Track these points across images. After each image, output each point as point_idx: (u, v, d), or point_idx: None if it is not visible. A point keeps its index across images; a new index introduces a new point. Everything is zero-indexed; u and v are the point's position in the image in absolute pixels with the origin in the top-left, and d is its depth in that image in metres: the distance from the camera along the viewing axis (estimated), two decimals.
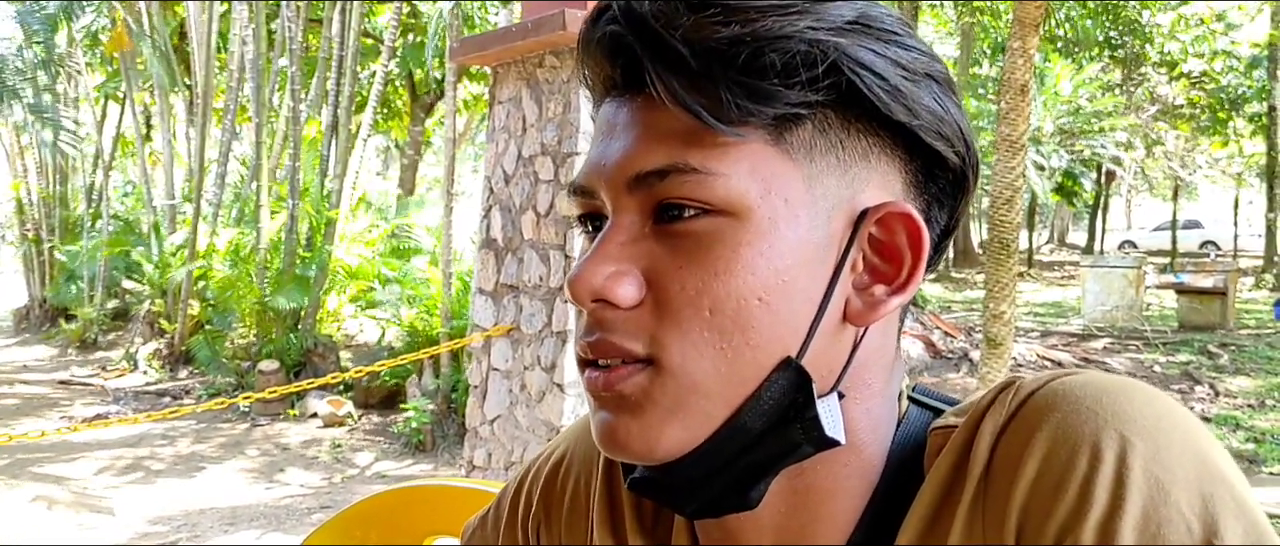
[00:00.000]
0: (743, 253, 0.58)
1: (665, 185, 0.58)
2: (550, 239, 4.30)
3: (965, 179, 0.65)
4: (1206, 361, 10.55)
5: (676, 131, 0.58)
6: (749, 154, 0.58)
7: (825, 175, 0.60)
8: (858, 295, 0.61)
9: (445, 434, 8.32)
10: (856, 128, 0.60)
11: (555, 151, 4.30)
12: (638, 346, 0.59)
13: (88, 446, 8.30)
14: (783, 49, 0.56)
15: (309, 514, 6.56)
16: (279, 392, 5.59)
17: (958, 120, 0.63)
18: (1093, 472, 0.53)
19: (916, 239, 0.61)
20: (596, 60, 0.63)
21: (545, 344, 4.30)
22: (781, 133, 0.59)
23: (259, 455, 8.29)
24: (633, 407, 0.59)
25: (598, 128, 0.64)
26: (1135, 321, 13.04)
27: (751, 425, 0.59)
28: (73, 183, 17.28)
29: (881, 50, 0.59)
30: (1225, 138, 23.32)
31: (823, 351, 0.60)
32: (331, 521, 1.52)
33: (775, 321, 0.58)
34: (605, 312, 0.60)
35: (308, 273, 10.40)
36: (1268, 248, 20.96)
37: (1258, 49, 20.30)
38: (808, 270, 0.59)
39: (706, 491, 0.61)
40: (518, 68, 4.54)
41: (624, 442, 0.60)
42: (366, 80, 14.04)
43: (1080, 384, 0.57)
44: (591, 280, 0.59)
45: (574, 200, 0.65)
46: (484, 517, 0.91)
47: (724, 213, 0.58)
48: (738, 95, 0.56)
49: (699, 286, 0.58)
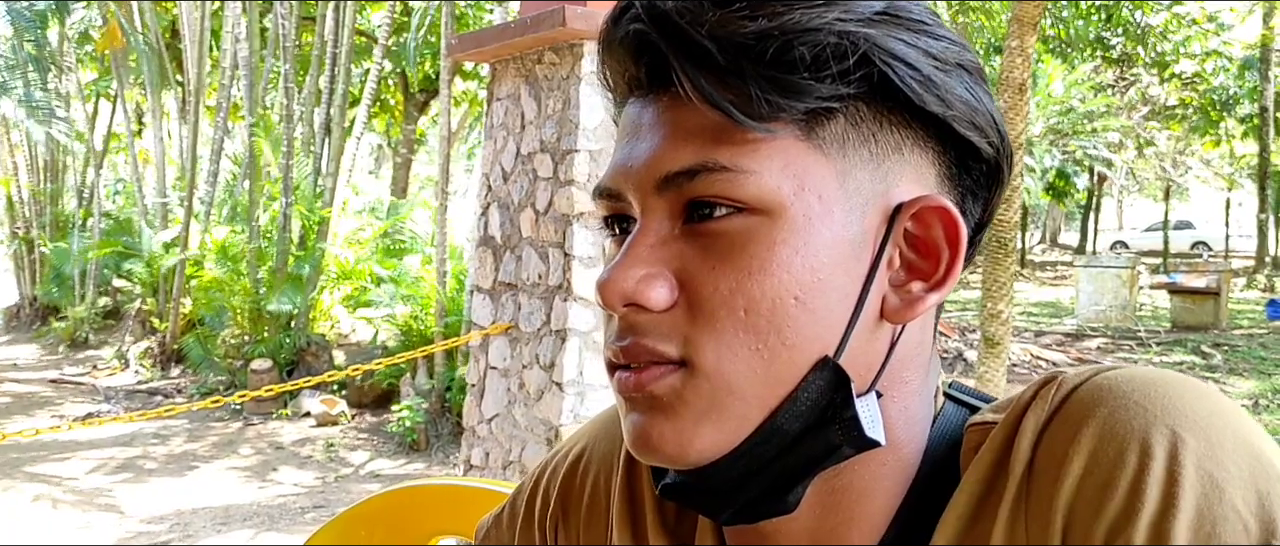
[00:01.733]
0: (777, 251, 0.56)
1: (695, 184, 0.57)
2: (549, 236, 4.28)
3: (999, 170, 0.63)
4: (1200, 361, 10.59)
5: (705, 129, 0.57)
6: (780, 150, 0.56)
7: (858, 169, 0.58)
8: (895, 292, 0.60)
9: (439, 433, 8.30)
10: (889, 120, 0.59)
11: (554, 148, 4.28)
12: (671, 349, 0.57)
13: (80, 445, 8.26)
14: (812, 42, 0.55)
15: (303, 513, 6.54)
16: (273, 391, 5.56)
17: (991, 110, 0.61)
18: (1143, 470, 0.51)
19: (954, 233, 0.59)
20: (619, 59, 0.61)
21: (544, 342, 4.28)
22: (813, 127, 0.57)
23: (252, 454, 8.26)
24: (665, 409, 0.58)
25: (622, 129, 0.63)
26: (1129, 321, 13.09)
27: (788, 427, 0.57)
28: (64, 180, 17.21)
29: (912, 41, 0.57)
30: (1217, 138, 23.41)
31: (860, 350, 0.58)
32: (334, 521, 1.50)
33: (812, 320, 0.57)
34: (637, 316, 0.58)
35: (301, 271, 10.37)
36: (1259, 248, 21.07)
37: (1249, 50, 20.36)
38: (843, 267, 0.57)
39: (742, 495, 0.59)
40: (516, 64, 4.52)
41: (657, 445, 0.58)
42: (360, 78, 14.01)
43: (1126, 378, 0.55)
44: (622, 284, 0.57)
45: (600, 203, 0.63)
46: (498, 516, 0.89)
47: (756, 211, 0.56)
48: (767, 90, 0.55)
49: (733, 286, 0.56)
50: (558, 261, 4.23)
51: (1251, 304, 16.06)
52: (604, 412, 0.84)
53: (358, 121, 11.77)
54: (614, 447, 0.78)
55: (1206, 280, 13.09)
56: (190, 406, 5.14)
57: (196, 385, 10.69)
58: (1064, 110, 21.43)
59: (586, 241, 4.19)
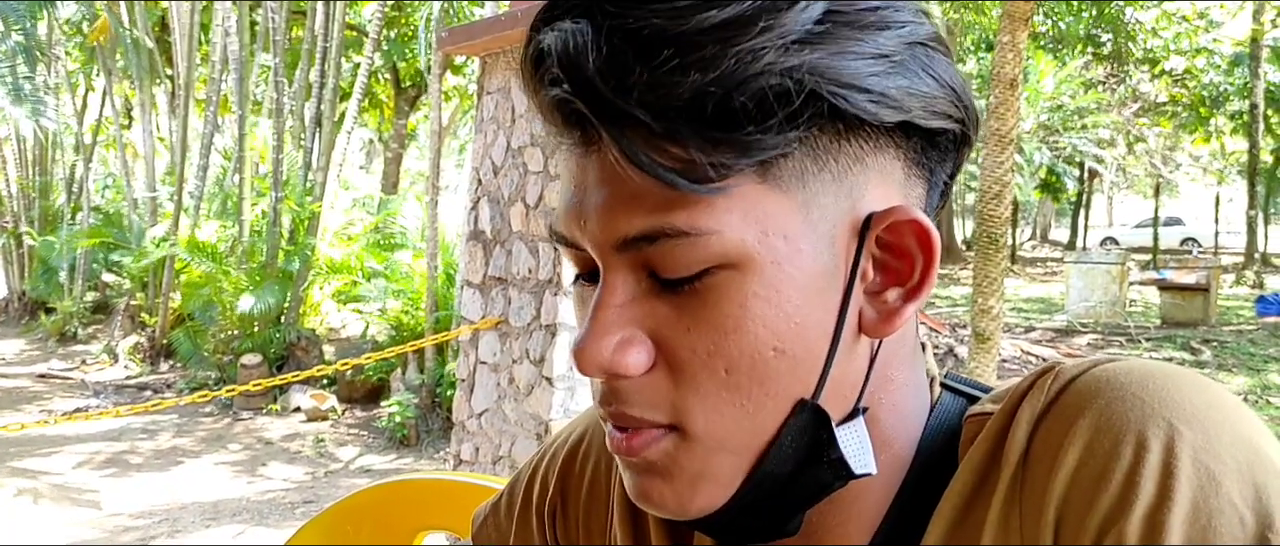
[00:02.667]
0: (750, 305, 0.53)
1: (656, 248, 0.53)
2: (539, 231, 4.27)
3: (966, 137, 0.60)
4: (1189, 357, 10.62)
5: (655, 189, 0.52)
6: (738, 200, 0.52)
7: (821, 195, 0.54)
8: (871, 303, 0.57)
9: (429, 428, 8.29)
10: (845, 139, 0.54)
11: (545, 142, 4.26)
12: (659, 416, 0.56)
13: (68, 440, 8.23)
14: (753, 90, 0.50)
15: (292, 508, 6.52)
16: (262, 386, 5.54)
17: (951, 86, 0.57)
18: (1138, 462, 0.50)
19: (926, 242, 0.57)
20: (547, 117, 0.56)
21: (534, 337, 4.26)
22: (768, 168, 0.53)
23: (241, 449, 8.23)
24: (661, 472, 0.57)
25: (565, 172, 0.58)
26: (1118, 317, 13.13)
27: (778, 471, 0.57)
28: (52, 174, 17.14)
29: (859, 49, 0.52)
30: (1206, 135, 23.49)
31: (842, 375, 0.57)
32: (321, 516, 1.49)
33: (793, 366, 0.55)
34: (618, 383, 0.56)
35: (290, 266, 10.33)
36: (1248, 245, 21.14)
37: (1239, 47, 20.42)
38: (819, 301, 0.55)
39: (742, 528, 0.60)
40: (507, 58, 4.50)
41: (658, 504, 0.58)
42: (350, 73, 13.96)
43: (1124, 370, 0.54)
44: (597, 356, 0.55)
45: (564, 252, 0.60)
46: (495, 504, 0.88)
47: (723, 266, 0.53)
48: (712, 154, 0.50)
49: (711, 348, 0.54)
50: (548, 256, 4.22)
51: (1241, 300, 16.12)
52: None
53: (348, 116, 11.73)
54: None
55: (1196, 276, 13.13)
56: (179, 401, 5.11)
57: (186, 380, 10.65)
58: (1054, 106, 21.47)
59: None
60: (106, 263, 14.36)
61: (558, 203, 0.60)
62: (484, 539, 0.87)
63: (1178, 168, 28.19)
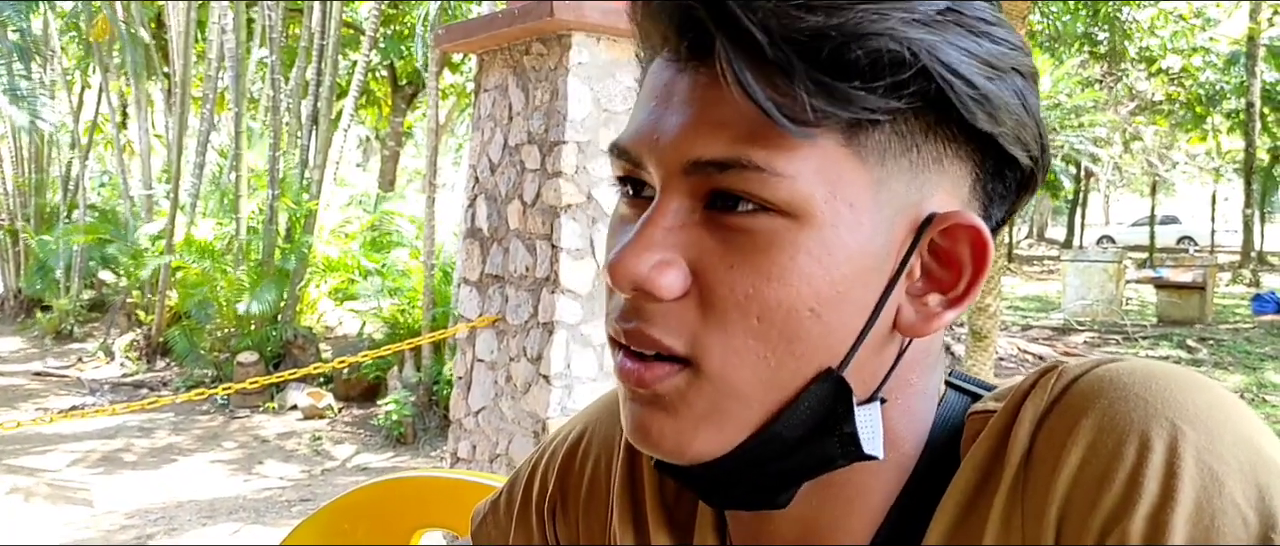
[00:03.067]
0: (800, 260, 0.53)
1: (724, 177, 0.54)
2: (537, 229, 4.26)
3: (1032, 180, 0.61)
4: (1185, 356, 10.64)
5: (741, 120, 0.53)
6: (818, 154, 0.53)
7: (894, 179, 0.55)
8: (911, 303, 0.58)
9: (427, 426, 8.28)
10: (935, 132, 0.55)
11: (542, 140, 4.26)
12: (677, 344, 0.55)
13: (63, 438, 8.21)
14: (870, 47, 0.51)
15: (289, 506, 6.51)
16: (259, 383, 5.53)
17: (1036, 120, 0.58)
18: (1141, 462, 0.50)
19: (980, 251, 0.57)
20: (658, 24, 0.57)
21: (531, 335, 4.26)
22: (855, 134, 0.54)
23: (237, 447, 8.22)
24: (667, 407, 0.57)
25: (648, 87, 0.59)
26: (1115, 315, 13.15)
27: (787, 434, 0.56)
28: (49, 172, 17.10)
29: (972, 47, 0.54)
30: (1203, 133, 23.50)
31: (867, 360, 0.57)
32: (318, 514, 1.48)
33: (825, 332, 0.55)
34: (645, 302, 0.56)
35: (287, 265, 10.32)
36: (1244, 243, 21.19)
37: (1236, 45, 20.44)
38: (863, 279, 0.55)
39: (734, 490, 0.59)
40: (504, 55, 4.50)
41: (656, 441, 0.57)
42: (347, 70, 13.93)
43: (1128, 370, 0.54)
44: (635, 268, 0.55)
45: (615, 161, 0.60)
46: (495, 502, 0.87)
47: (784, 213, 0.53)
48: (815, 95, 0.51)
49: (749, 291, 0.54)
50: (545, 253, 4.22)
51: (1237, 298, 16.15)
52: (605, 395, 0.83)
53: (345, 114, 11.72)
54: (615, 431, 0.77)
55: (1192, 275, 13.15)
56: (175, 399, 5.10)
57: (182, 378, 10.63)
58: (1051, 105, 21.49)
59: (574, 234, 4.17)
60: (103, 260, 14.32)
61: (631, 118, 0.60)
62: (483, 537, 0.87)
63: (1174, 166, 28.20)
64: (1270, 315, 13.60)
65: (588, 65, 4.17)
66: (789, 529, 0.63)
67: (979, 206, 0.60)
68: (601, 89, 4.21)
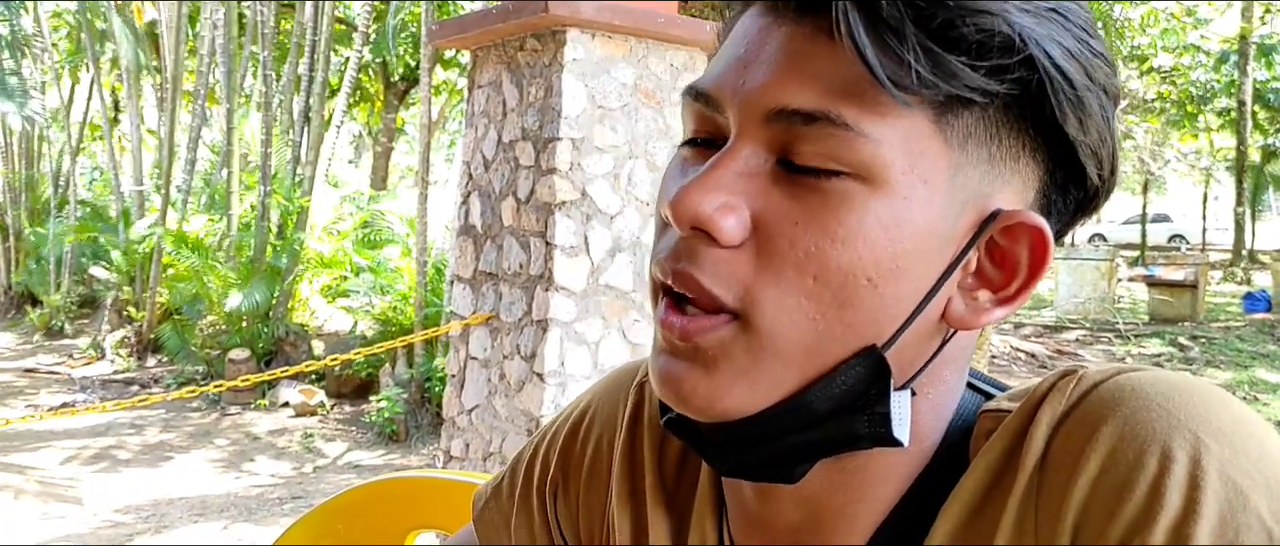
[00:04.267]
0: (868, 224, 0.53)
1: (808, 131, 0.53)
2: (531, 226, 4.24)
3: (1094, 200, 0.60)
4: (1177, 353, 10.67)
5: (836, 75, 0.53)
6: (906, 125, 0.53)
7: (971, 167, 0.55)
8: (961, 296, 0.57)
9: (419, 424, 8.27)
10: (1019, 126, 0.55)
11: (536, 136, 4.24)
12: (727, 295, 0.54)
13: (54, 435, 8.18)
14: (982, 25, 0.51)
15: (280, 504, 6.49)
16: (250, 381, 5.51)
17: (1114, 141, 0.58)
18: (1164, 473, 0.49)
19: (1040, 255, 0.57)
20: None
21: (525, 333, 4.25)
22: (945, 112, 0.54)
23: (229, 444, 8.20)
24: (707, 362, 0.55)
25: (737, 35, 0.58)
26: (1107, 313, 13.18)
27: (818, 405, 0.55)
28: (40, 167, 17.03)
29: (1074, 49, 0.54)
30: (1194, 132, 23.57)
31: (910, 346, 0.56)
32: (311, 514, 1.47)
33: (878, 306, 0.54)
34: (700, 245, 0.55)
35: (279, 261, 10.29)
36: (1236, 241, 21.26)
37: (1227, 44, 20.49)
38: (924, 258, 0.55)
39: (749, 456, 0.58)
40: (498, 51, 4.48)
41: (687, 395, 0.56)
42: (339, 66, 13.89)
43: (1150, 380, 0.53)
44: (698, 204, 0.54)
45: (689, 105, 0.59)
46: (497, 486, 0.87)
47: (860, 177, 0.53)
48: (921, 61, 0.51)
49: (810, 249, 0.53)
50: (539, 251, 4.20)
51: (1228, 297, 16.21)
52: (610, 374, 0.82)
53: (337, 110, 11.68)
54: (618, 410, 0.77)
55: (1184, 273, 13.19)
56: (166, 396, 5.08)
57: (173, 375, 10.60)
58: None
59: (568, 231, 4.16)
60: (94, 256, 14.27)
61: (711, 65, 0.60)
62: (485, 521, 0.87)
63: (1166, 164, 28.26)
64: (1261, 313, 13.65)
65: (582, 61, 4.15)
66: (792, 514, 0.62)
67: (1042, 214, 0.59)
68: (596, 85, 4.19)
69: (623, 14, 4.10)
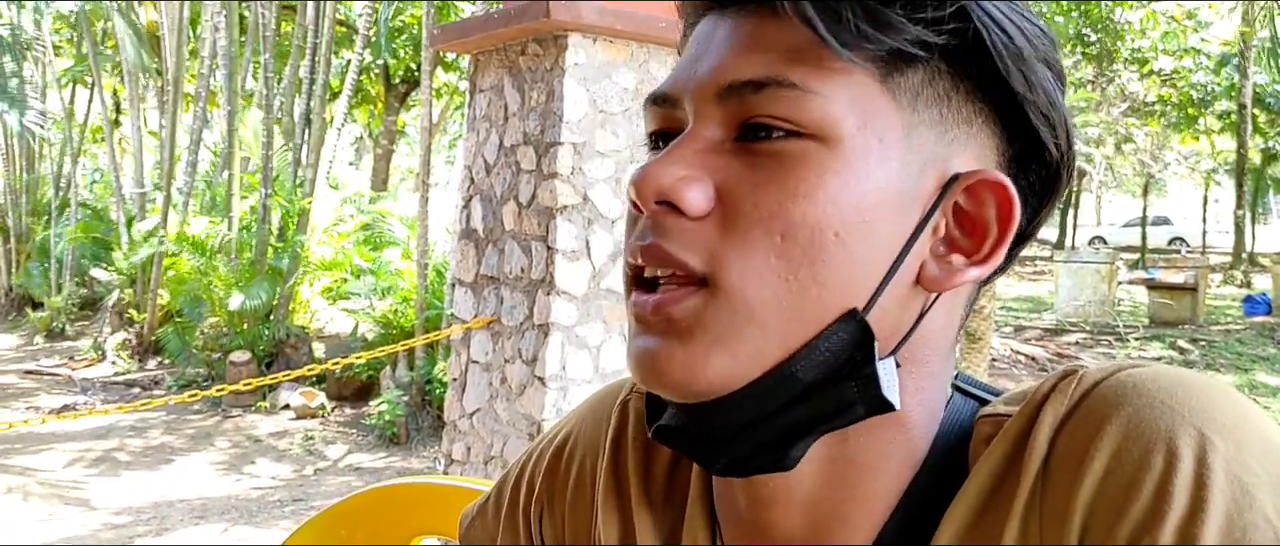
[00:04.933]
0: (827, 179, 0.54)
1: (758, 99, 0.55)
2: (532, 230, 4.25)
3: (1058, 178, 0.61)
4: (1177, 357, 10.67)
5: (781, 45, 0.55)
6: (853, 84, 0.55)
7: (924, 128, 0.56)
8: (935, 261, 0.58)
9: (419, 426, 8.27)
10: (966, 88, 0.57)
11: (537, 141, 4.25)
12: (695, 261, 0.55)
13: (56, 437, 8.19)
14: None
15: (280, 506, 6.50)
16: (252, 385, 5.52)
17: (1066, 114, 0.59)
18: (1170, 471, 0.49)
19: (1006, 212, 0.58)
20: None
21: (526, 336, 4.25)
22: (891, 72, 0.55)
23: (230, 447, 8.20)
24: (681, 332, 0.55)
25: (690, 47, 0.61)
26: (1107, 316, 13.17)
27: (803, 375, 0.55)
28: (41, 169, 17.04)
29: (1010, 14, 0.56)
30: (1195, 135, 23.57)
31: (889, 311, 0.56)
32: (315, 519, 1.47)
33: (849, 262, 0.54)
34: (666, 218, 0.56)
35: (279, 263, 10.30)
36: (1236, 244, 21.24)
37: (1227, 47, 20.49)
38: (889, 217, 0.55)
39: (742, 444, 0.57)
40: (500, 55, 4.49)
41: (663, 369, 0.56)
42: (340, 69, 13.89)
43: (1151, 377, 0.53)
44: (659, 178, 0.55)
45: (651, 111, 0.61)
46: (483, 506, 0.87)
47: (814, 136, 0.54)
48: (859, 16, 0.53)
49: (773, 207, 0.54)
50: (541, 255, 4.21)
51: (1228, 299, 16.19)
52: (591, 397, 0.82)
53: (338, 112, 11.69)
54: (600, 431, 0.76)
55: (1184, 276, 13.18)
56: (167, 400, 5.09)
57: (174, 377, 10.60)
58: None
59: (570, 235, 4.17)
60: (95, 258, 14.28)
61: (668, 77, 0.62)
62: (471, 539, 0.87)
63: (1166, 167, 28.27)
64: (1261, 316, 13.64)
65: (584, 66, 4.16)
66: (788, 521, 0.61)
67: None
68: (597, 90, 4.20)
69: (624, 19, 4.11)
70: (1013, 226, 0.58)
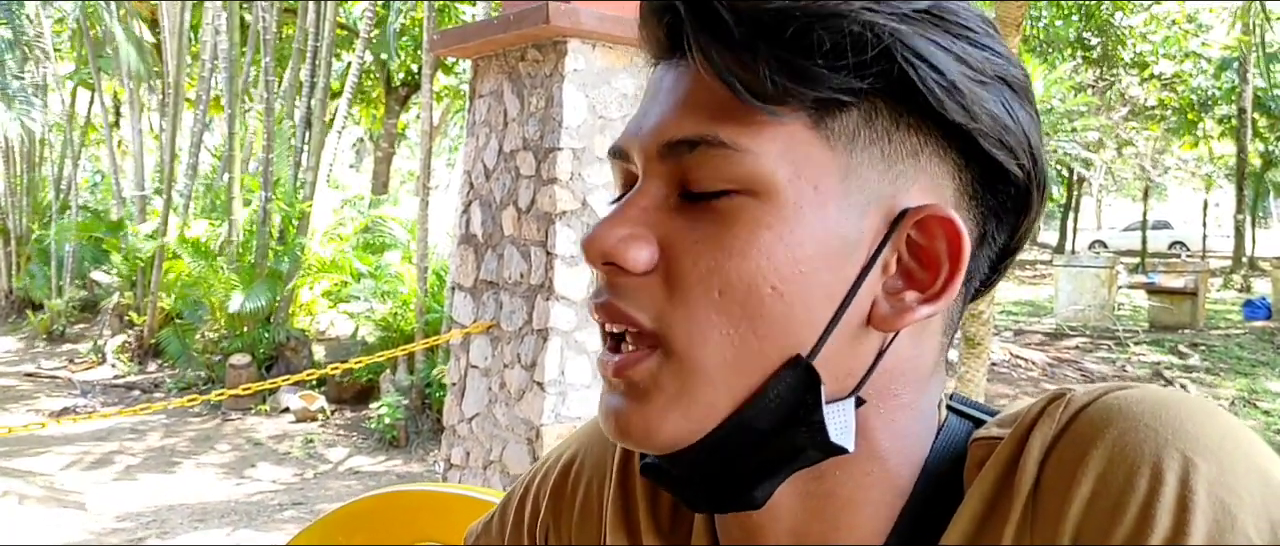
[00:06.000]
0: (760, 235, 0.55)
1: (693, 157, 0.56)
2: (531, 235, 4.26)
3: (1029, 195, 0.61)
4: (1177, 361, 10.67)
5: (713, 103, 0.55)
6: (784, 134, 0.55)
7: (865, 168, 0.56)
8: (886, 299, 0.58)
9: (419, 430, 8.27)
10: (907, 123, 0.56)
11: (537, 146, 4.26)
12: (644, 317, 0.57)
13: (56, 440, 8.19)
14: (833, 28, 0.53)
15: (280, 510, 6.50)
16: (252, 390, 5.53)
17: (1027, 130, 0.58)
18: (1154, 494, 0.50)
19: (955, 247, 0.57)
20: (646, 20, 0.60)
21: (525, 341, 4.26)
22: (823, 117, 0.55)
23: (230, 450, 8.21)
24: (640, 394, 0.57)
25: (646, 92, 0.62)
26: (1107, 321, 13.16)
27: (756, 423, 0.56)
28: (41, 171, 17.05)
29: (948, 44, 0.55)
30: (1195, 139, 23.55)
31: (840, 353, 0.57)
32: (315, 525, 1.48)
33: (788, 314, 0.55)
34: (616, 277, 0.58)
35: (280, 266, 10.31)
36: (1236, 249, 21.23)
37: (1228, 51, 20.49)
38: (830, 264, 0.56)
39: (710, 486, 0.59)
40: (499, 61, 4.50)
41: (625, 428, 0.58)
42: (340, 71, 13.90)
43: (1137, 398, 0.54)
44: (604, 240, 0.57)
45: (613, 164, 0.63)
46: (488, 523, 0.88)
47: (747, 192, 0.55)
48: (777, 72, 0.53)
49: (711, 265, 0.55)
50: (540, 260, 4.22)
51: (1228, 304, 16.19)
52: (595, 418, 0.83)
53: (339, 115, 11.70)
54: (607, 455, 0.77)
55: (1184, 280, 13.17)
56: (168, 404, 5.09)
57: (174, 379, 10.61)
58: (1044, 110, 21.52)
59: (569, 240, 4.18)
60: (95, 260, 14.29)
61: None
62: None
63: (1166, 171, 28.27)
64: (1261, 321, 13.65)
65: (583, 72, 4.17)
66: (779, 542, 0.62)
67: (971, 215, 0.60)
68: (596, 96, 4.21)
69: (623, 25, 4.12)
70: (963, 261, 0.57)
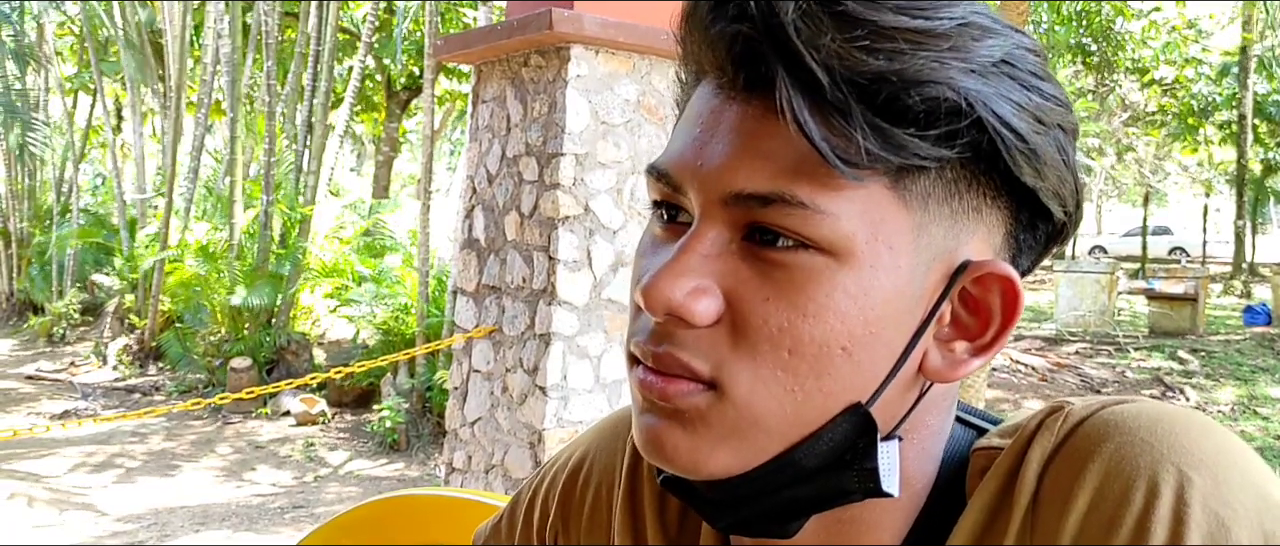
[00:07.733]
0: (836, 298, 0.54)
1: (767, 211, 0.54)
2: (534, 240, 4.27)
3: (1063, 232, 0.61)
4: (1177, 367, 10.66)
5: (788, 155, 0.53)
6: (863, 195, 0.53)
7: (934, 225, 0.55)
8: (938, 348, 0.58)
9: (420, 433, 8.27)
10: (978, 182, 0.56)
11: (540, 152, 4.27)
12: (704, 367, 0.55)
13: (57, 443, 8.20)
14: (927, 94, 0.51)
15: (281, 513, 6.50)
16: (253, 394, 5.53)
17: (1075, 177, 0.59)
18: (1149, 508, 0.50)
19: (1011, 302, 0.58)
20: (710, 48, 0.56)
21: (527, 346, 4.27)
22: (902, 178, 0.54)
23: (231, 453, 8.21)
24: (686, 423, 0.56)
25: (693, 112, 0.59)
26: (1107, 326, 13.16)
27: (805, 463, 0.56)
28: (42, 175, 17.06)
29: (1024, 100, 0.54)
30: (1195, 145, 23.55)
31: (891, 400, 0.57)
32: (324, 527, 1.48)
33: (854, 371, 0.55)
34: (676, 329, 0.56)
35: (281, 269, 10.31)
36: (1236, 254, 21.21)
37: (1228, 57, 20.50)
38: (896, 320, 0.55)
39: (744, 512, 0.59)
40: (502, 66, 4.51)
41: (670, 455, 0.57)
42: (342, 75, 13.90)
43: (1134, 413, 0.55)
44: (670, 293, 0.54)
45: (654, 183, 0.60)
46: (496, 525, 0.88)
47: (824, 251, 0.53)
48: (870, 138, 0.51)
49: (783, 324, 0.54)
50: (542, 265, 4.23)
51: (1228, 309, 16.19)
52: (603, 421, 0.83)
53: (340, 119, 11.71)
54: (616, 458, 0.77)
55: (1184, 286, 13.17)
56: (169, 408, 5.10)
57: (175, 382, 10.61)
58: None
59: (571, 245, 4.18)
60: (96, 263, 14.29)
61: (671, 140, 0.60)
62: None
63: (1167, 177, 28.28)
64: (1261, 327, 13.66)
65: (586, 78, 4.18)
66: None
67: (1009, 256, 0.60)
68: (599, 101, 4.22)
69: (626, 31, 4.13)
70: (1017, 316, 0.58)
